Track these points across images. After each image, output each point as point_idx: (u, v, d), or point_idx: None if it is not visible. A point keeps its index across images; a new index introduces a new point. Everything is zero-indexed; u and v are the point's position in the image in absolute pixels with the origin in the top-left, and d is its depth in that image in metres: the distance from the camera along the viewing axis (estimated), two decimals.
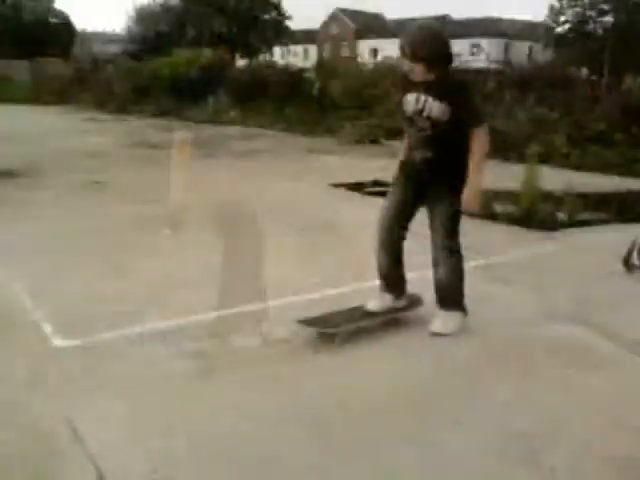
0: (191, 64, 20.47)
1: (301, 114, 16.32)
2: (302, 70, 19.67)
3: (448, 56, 3.30)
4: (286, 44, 36.95)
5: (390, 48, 34.80)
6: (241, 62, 27.03)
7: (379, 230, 3.50)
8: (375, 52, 42.92)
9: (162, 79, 21.03)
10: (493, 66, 18.45)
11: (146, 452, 2.38)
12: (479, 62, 24.34)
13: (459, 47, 50.47)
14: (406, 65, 3.28)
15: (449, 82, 3.27)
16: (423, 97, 3.26)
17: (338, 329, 3.30)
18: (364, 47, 51.02)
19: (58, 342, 3.29)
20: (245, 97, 18.75)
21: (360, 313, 3.51)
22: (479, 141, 3.24)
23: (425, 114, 3.25)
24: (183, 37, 30.50)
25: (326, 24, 65.34)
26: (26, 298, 3.94)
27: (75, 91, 27.03)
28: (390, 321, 3.56)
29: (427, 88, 3.25)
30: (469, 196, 3.27)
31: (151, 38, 32.31)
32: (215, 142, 13.63)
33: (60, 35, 46.94)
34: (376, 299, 3.58)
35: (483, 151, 3.27)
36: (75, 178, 8.65)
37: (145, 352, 3.22)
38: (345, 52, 56.23)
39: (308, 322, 3.36)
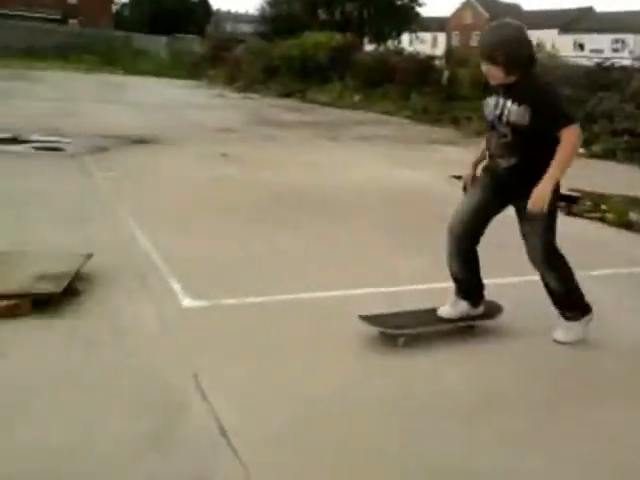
0: (320, 47, 20.67)
1: (427, 103, 16.04)
2: (431, 58, 19.28)
3: (529, 59, 3.00)
4: (415, 31, 36.33)
5: None
6: (369, 47, 26.96)
7: (449, 234, 3.22)
8: None
9: (291, 60, 21.41)
10: (638, 64, 17.15)
11: (266, 413, 2.45)
12: (623, 59, 22.73)
13: (600, 42, 47.51)
14: (483, 67, 3.02)
15: (530, 85, 2.99)
16: (502, 101, 3.02)
17: (401, 331, 3.11)
18: None
19: (187, 302, 3.44)
20: (371, 82, 18.70)
21: (432, 317, 3.28)
22: (567, 140, 2.91)
23: (504, 119, 3.01)
24: (314, 20, 30.84)
25: (458, 12, 63.69)
26: (157, 256, 4.14)
27: (207, 67, 28.24)
28: (463, 329, 3.30)
29: (506, 91, 3.01)
30: (537, 194, 2.94)
31: (283, 19, 32.89)
32: (339, 125, 13.72)
33: (197, 13, 49.09)
34: (450, 305, 3.31)
35: (570, 151, 2.93)
36: (204, 149, 9.04)
37: (267, 319, 3.30)
38: (474, 42, 54.60)
39: (370, 319, 3.17)
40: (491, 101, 3.09)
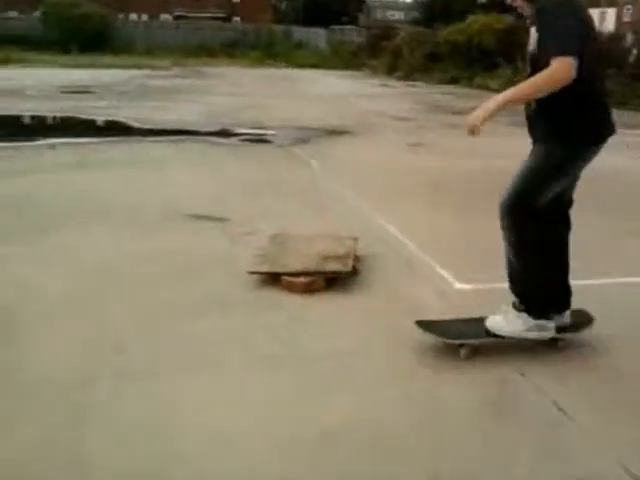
0: (486, 31, 20.13)
1: (610, 85, 15.09)
2: (617, 36, 18.02)
3: None
4: None
5: None
6: None
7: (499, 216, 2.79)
8: None
9: (455, 45, 21.07)
10: None
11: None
12: None
13: None
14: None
15: (540, 6, 2.60)
16: (533, 31, 2.64)
17: (463, 340, 2.79)
18: None
19: (458, 285, 3.61)
20: None
21: None
22: (548, 69, 2.43)
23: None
24: (474, 2, 30.12)
25: None
26: (406, 239, 4.37)
27: (365, 57, 28.57)
28: (543, 340, 2.84)
29: (532, 21, 2.67)
30: (479, 109, 2.59)
31: (439, 5, 32.47)
32: (519, 111, 13.33)
33: (351, 3, 49.83)
34: None
35: (541, 80, 2.46)
36: (392, 138, 9.28)
37: None
38: None
39: (427, 326, 2.86)
40: (531, 36, 2.68)
